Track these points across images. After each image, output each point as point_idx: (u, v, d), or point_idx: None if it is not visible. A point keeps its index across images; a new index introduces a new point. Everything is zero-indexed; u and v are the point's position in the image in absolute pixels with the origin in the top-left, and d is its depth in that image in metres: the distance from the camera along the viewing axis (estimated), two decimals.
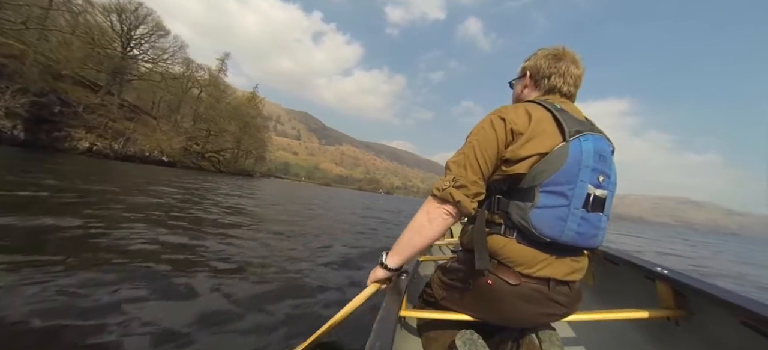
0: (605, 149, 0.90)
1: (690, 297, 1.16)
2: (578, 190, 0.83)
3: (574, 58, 1.02)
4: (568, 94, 1.02)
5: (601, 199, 0.87)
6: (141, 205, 4.79)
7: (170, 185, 9.23)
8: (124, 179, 9.19)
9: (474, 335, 0.97)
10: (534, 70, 1.05)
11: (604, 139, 0.92)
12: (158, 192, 6.90)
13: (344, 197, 23.09)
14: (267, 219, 5.59)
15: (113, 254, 2.39)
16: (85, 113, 19.41)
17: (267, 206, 7.92)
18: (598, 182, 0.86)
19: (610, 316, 1.13)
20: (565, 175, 0.83)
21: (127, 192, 6.09)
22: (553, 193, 0.84)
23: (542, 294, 0.88)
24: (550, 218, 0.84)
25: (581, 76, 1.03)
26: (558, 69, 1.00)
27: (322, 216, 7.37)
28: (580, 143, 0.85)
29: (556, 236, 0.84)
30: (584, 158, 0.84)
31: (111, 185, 6.93)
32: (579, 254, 0.94)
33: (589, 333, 1.43)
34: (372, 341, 0.76)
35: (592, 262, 1.65)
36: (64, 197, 4.41)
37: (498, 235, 0.91)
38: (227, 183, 14.48)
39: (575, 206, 0.84)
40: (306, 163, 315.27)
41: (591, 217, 0.86)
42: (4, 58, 15.71)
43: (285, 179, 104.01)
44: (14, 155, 10.58)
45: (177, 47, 30.43)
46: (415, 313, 1.15)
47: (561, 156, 0.84)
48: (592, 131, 0.89)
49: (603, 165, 0.87)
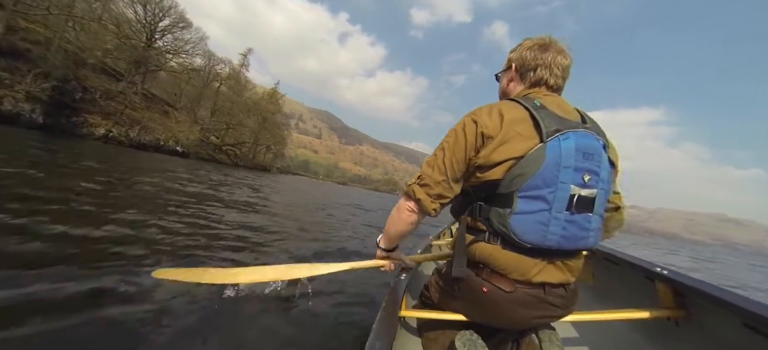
0: (592, 145, 0.84)
1: (690, 298, 1.16)
2: (559, 193, 0.80)
3: (560, 48, 0.98)
4: (555, 86, 0.97)
5: (589, 199, 0.83)
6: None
7: (181, 177, 8.92)
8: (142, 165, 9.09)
9: (474, 335, 0.96)
10: (519, 63, 1.01)
11: (592, 134, 0.86)
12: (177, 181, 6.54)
13: (356, 197, 22.59)
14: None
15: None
16: (101, 100, 19.69)
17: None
18: (584, 181, 0.82)
19: (610, 316, 1.14)
20: (543, 178, 0.80)
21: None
22: (532, 198, 0.82)
23: (538, 298, 0.88)
24: (531, 223, 0.82)
25: (569, 67, 0.98)
26: (544, 60, 0.96)
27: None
28: (559, 142, 0.81)
29: (538, 242, 0.82)
30: (564, 159, 0.80)
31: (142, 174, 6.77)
32: (573, 256, 0.90)
33: (589, 333, 1.42)
34: (372, 341, 0.78)
35: (592, 262, 1.64)
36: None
37: (483, 242, 0.90)
38: (236, 177, 14.06)
39: (557, 210, 0.81)
40: (325, 161, 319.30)
41: (577, 219, 0.83)
42: (28, 43, 16.10)
43: (303, 177, 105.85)
44: (33, 137, 10.55)
45: (198, 39, 30.79)
46: (415, 313, 1.17)
47: (538, 159, 0.80)
48: (575, 127, 0.84)
49: (589, 163, 0.83)
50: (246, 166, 35.94)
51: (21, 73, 15.12)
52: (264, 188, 11.50)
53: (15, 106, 14.59)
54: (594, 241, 0.88)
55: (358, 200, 17.08)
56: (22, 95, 14.91)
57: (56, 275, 1.72)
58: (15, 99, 14.60)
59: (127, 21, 25.42)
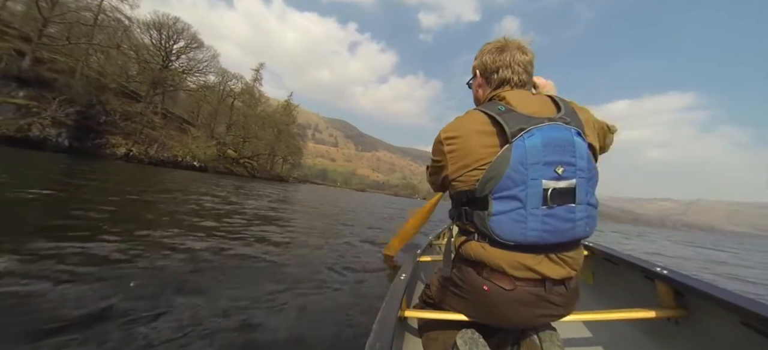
0: (561, 136, 0.85)
1: (689, 297, 1.17)
2: (531, 189, 0.82)
3: (519, 45, 1.01)
4: (520, 82, 1.01)
5: (568, 189, 0.84)
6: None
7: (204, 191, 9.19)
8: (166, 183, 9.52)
9: (475, 334, 0.97)
10: (482, 68, 1.06)
11: (561, 125, 0.86)
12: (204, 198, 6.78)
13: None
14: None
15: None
16: (121, 121, 20.75)
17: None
18: (557, 174, 0.83)
19: (610, 316, 1.15)
20: (512, 178, 0.83)
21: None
22: (505, 198, 0.84)
23: (539, 296, 0.88)
24: (508, 222, 0.84)
25: (531, 61, 1.02)
26: (503, 61, 1.00)
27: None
28: (523, 141, 0.83)
29: (519, 239, 0.84)
30: (530, 156, 0.82)
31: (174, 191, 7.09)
32: (569, 249, 0.90)
33: (589, 333, 1.42)
34: (372, 341, 0.78)
35: (592, 262, 1.68)
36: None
37: (474, 241, 0.93)
38: (250, 189, 14.35)
39: (532, 206, 0.82)
40: (343, 169, 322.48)
41: (558, 211, 0.83)
42: (54, 73, 17.21)
43: (321, 185, 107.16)
44: (62, 160, 11.25)
45: (211, 57, 31.98)
46: (416, 313, 1.17)
47: (504, 161, 0.83)
48: (541, 123, 0.85)
49: (560, 155, 0.83)
50: (263, 177, 36.78)
51: (47, 100, 16.14)
52: (296, 197, 11.87)
53: (42, 131, 15.58)
54: (584, 230, 0.88)
55: (384, 206, 16.93)
56: (48, 120, 15.91)
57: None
58: (42, 125, 15.60)
59: (145, 46, 26.80)
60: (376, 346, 0.76)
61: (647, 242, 12.76)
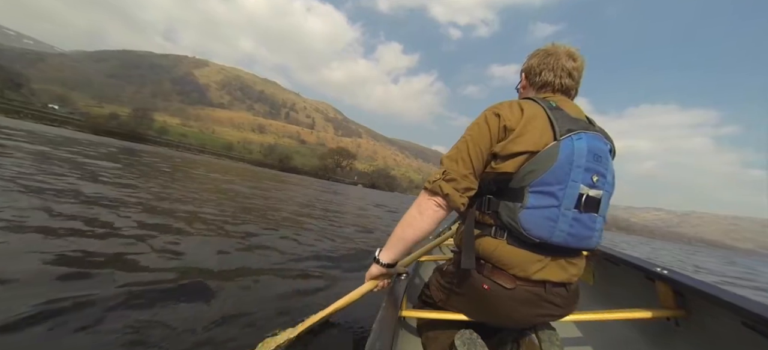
0: (601, 148, 0.87)
1: (690, 298, 1.16)
2: (569, 190, 0.82)
3: (567, 51, 1.01)
4: (562, 87, 1.00)
5: (596, 199, 0.85)
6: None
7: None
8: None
9: (473, 335, 0.97)
10: (528, 70, 1.07)
11: (601, 138, 0.89)
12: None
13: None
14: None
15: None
16: None
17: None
18: (592, 182, 0.84)
19: (610, 316, 1.13)
20: (555, 175, 0.82)
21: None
22: (543, 193, 0.83)
23: (539, 296, 0.88)
24: (540, 218, 0.83)
25: (577, 69, 1.01)
26: (547, 64, 1.00)
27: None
28: (572, 141, 0.83)
29: (545, 237, 0.83)
30: (576, 158, 0.82)
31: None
32: (575, 255, 0.92)
33: (589, 333, 1.42)
34: (372, 341, 0.78)
35: (592, 262, 1.67)
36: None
37: (489, 237, 0.91)
38: None
39: (566, 207, 0.82)
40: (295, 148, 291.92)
41: (584, 218, 0.84)
42: None
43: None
44: None
45: None
46: (415, 313, 1.16)
47: (551, 155, 0.82)
48: (587, 129, 0.87)
49: (598, 165, 0.85)
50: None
51: None
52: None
53: None
54: (597, 241, 0.90)
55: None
56: None
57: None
58: None
59: None
60: (376, 346, 0.75)
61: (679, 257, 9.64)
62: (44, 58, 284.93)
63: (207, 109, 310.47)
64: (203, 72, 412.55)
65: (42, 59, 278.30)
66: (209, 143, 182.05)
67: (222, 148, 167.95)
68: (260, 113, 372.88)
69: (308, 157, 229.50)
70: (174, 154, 39.64)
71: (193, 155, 62.57)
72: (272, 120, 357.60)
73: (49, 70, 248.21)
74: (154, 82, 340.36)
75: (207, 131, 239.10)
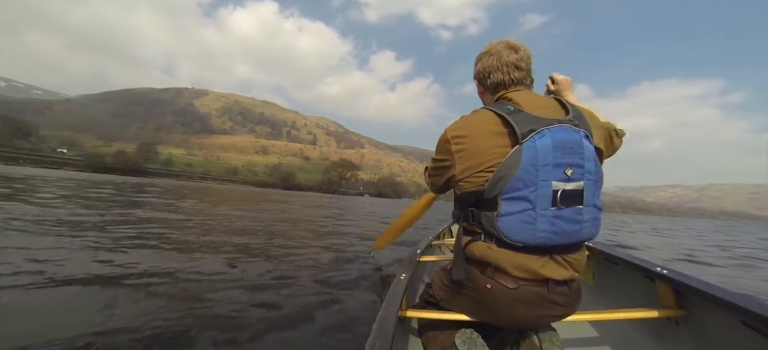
0: (570, 138, 0.85)
1: (690, 297, 1.16)
2: (541, 191, 0.82)
3: (507, 44, 1.02)
4: (513, 81, 1.00)
5: (576, 191, 0.84)
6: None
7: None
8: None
9: (474, 334, 0.98)
10: (479, 77, 1.08)
11: (570, 128, 0.86)
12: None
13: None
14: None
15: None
16: None
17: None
18: (566, 175, 0.83)
19: (610, 316, 1.14)
20: (522, 179, 0.82)
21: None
22: (514, 199, 0.83)
23: (541, 296, 0.88)
24: (517, 223, 0.84)
25: (523, 59, 1.01)
26: (492, 65, 1.01)
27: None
28: (534, 142, 0.82)
29: (528, 240, 0.84)
30: (541, 157, 0.81)
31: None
32: (572, 250, 0.91)
33: (589, 333, 1.41)
34: (372, 341, 0.79)
35: (592, 262, 1.67)
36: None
37: (480, 241, 0.93)
38: None
39: (542, 208, 0.82)
40: (299, 165, 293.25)
41: (566, 213, 0.84)
42: None
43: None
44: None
45: None
46: (415, 313, 1.17)
47: (515, 161, 0.83)
48: (551, 124, 0.84)
49: (570, 157, 0.83)
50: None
51: None
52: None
53: None
54: (590, 232, 0.89)
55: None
56: None
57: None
58: None
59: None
60: (376, 346, 0.76)
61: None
62: (51, 106, 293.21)
63: (210, 137, 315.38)
64: (203, 101, 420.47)
65: (49, 107, 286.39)
66: (214, 169, 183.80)
67: (226, 173, 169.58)
68: (262, 135, 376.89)
69: (313, 172, 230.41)
70: (175, 183, 39.51)
71: (196, 183, 62.92)
72: (275, 140, 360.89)
73: (56, 116, 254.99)
74: (157, 116, 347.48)
75: (212, 159, 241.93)
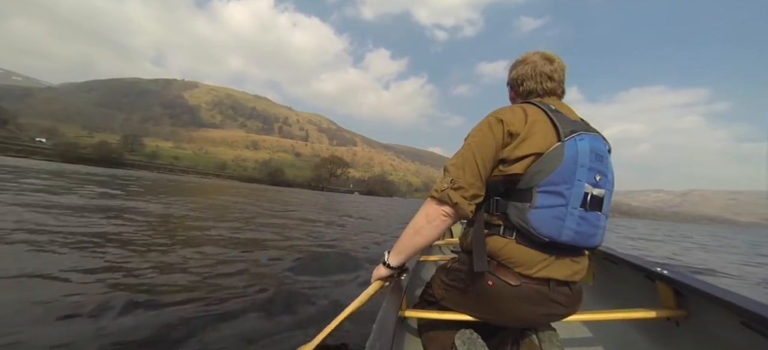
0: (601, 148, 0.90)
1: (690, 298, 1.16)
2: (575, 189, 0.84)
3: (544, 55, 1.03)
4: (545, 91, 1.02)
5: (599, 198, 0.88)
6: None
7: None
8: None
9: (473, 334, 0.98)
10: (512, 83, 1.10)
11: (600, 138, 0.92)
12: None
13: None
14: None
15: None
16: None
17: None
18: (595, 181, 0.87)
19: (610, 316, 1.14)
20: (562, 175, 0.84)
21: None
22: (551, 193, 0.85)
23: (542, 294, 0.89)
24: (548, 218, 0.85)
25: (557, 70, 1.02)
26: (526, 73, 1.03)
27: None
28: (575, 142, 0.85)
29: (554, 236, 0.85)
30: (580, 158, 0.85)
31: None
32: (579, 254, 0.94)
33: (589, 333, 1.41)
34: (372, 341, 0.78)
35: (592, 262, 1.63)
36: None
37: (497, 236, 0.92)
38: None
39: (573, 206, 0.84)
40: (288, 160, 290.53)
41: (589, 216, 0.87)
42: None
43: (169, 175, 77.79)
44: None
45: None
46: (416, 313, 1.16)
47: (557, 156, 0.85)
48: (587, 130, 0.90)
49: (599, 164, 0.88)
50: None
51: None
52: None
53: None
54: (600, 240, 0.92)
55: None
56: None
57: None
58: None
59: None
60: (376, 346, 0.75)
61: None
62: (32, 93, 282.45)
63: (200, 130, 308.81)
64: (193, 94, 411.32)
65: (29, 94, 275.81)
66: (202, 163, 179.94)
67: (214, 167, 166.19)
68: (253, 130, 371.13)
69: (303, 169, 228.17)
70: (151, 176, 38.08)
71: (176, 176, 60.71)
72: (266, 135, 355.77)
73: (37, 104, 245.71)
74: (144, 107, 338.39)
75: (200, 153, 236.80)
